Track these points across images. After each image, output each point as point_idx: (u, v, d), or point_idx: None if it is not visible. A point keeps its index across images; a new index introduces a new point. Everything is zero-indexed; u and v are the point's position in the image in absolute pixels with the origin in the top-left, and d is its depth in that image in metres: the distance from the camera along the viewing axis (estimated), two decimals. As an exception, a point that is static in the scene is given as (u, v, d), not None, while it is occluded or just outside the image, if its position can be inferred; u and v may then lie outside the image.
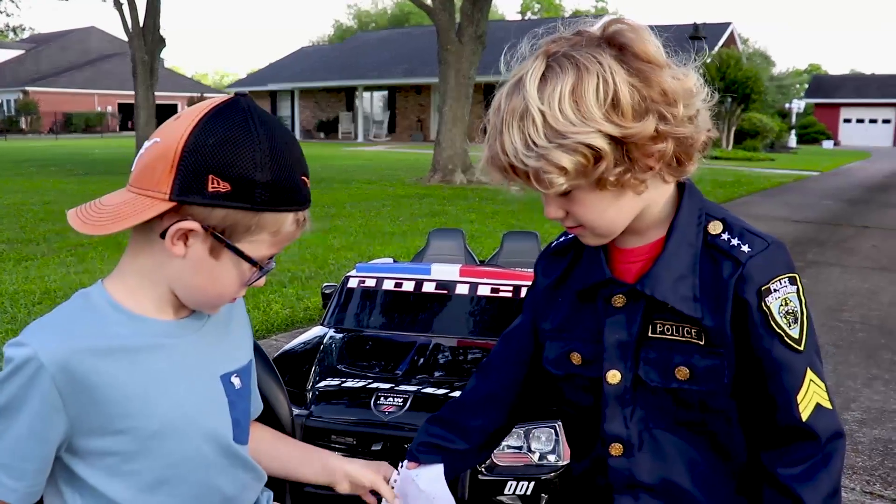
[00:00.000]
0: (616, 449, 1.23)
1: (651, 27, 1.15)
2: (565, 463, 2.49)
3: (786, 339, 1.13)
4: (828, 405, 1.16)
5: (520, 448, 2.50)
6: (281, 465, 1.37)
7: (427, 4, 16.44)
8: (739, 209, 12.77)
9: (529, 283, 1.44)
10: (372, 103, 37.98)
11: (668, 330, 1.18)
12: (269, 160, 1.05)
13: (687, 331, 1.17)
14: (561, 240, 1.36)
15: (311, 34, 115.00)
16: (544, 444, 2.50)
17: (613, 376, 1.21)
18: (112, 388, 1.06)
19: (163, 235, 1.05)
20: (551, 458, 2.49)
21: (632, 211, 1.16)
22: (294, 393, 2.60)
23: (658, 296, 1.17)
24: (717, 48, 29.05)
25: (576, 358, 1.26)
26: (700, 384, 1.16)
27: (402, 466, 1.35)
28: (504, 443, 2.49)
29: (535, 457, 2.49)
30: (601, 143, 1.05)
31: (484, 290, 3.34)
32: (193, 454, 1.14)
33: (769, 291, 1.13)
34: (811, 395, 1.14)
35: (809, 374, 1.15)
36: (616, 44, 1.09)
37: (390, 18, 62.68)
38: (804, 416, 1.14)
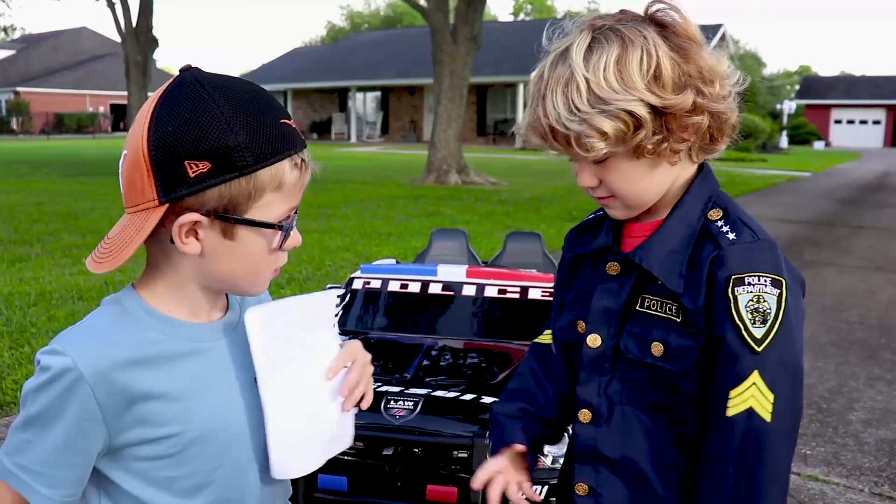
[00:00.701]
0: (584, 415, 1.27)
1: None
2: (578, 466, 2.46)
3: (743, 332, 1.13)
4: (765, 415, 1.12)
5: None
6: None
7: (421, 5, 16.41)
8: (734, 210, 12.77)
9: (536, 284, 1.48)
10: (365, 104, 37.92)
11: (653, 305, 1.22)
12: (235, 120, 0.99)
13: (668, 307, 1.20)
14: (589, 217, 1.41)
15: (303, 35, 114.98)
16: (557, 448, 2.47)
17: (594, 340, 1.26)
18: (152, 396, 1.03)
19: (173, 241, 1.02)
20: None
21: (663, 183, 1.21)
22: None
23: (645, 265, 1.21)
24: (710, 49, 28.97)
25: (581, 326, 1.29)
26: (672, 363, 1.18)
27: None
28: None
29: (548, 460, 2.46)
30: (642, 111, 1.11)
31: (491, 292, 3.32)
32: (233, 460, 1.11)
33: (742, 282, 1.14)
34: (747, 398, 1.13)
35: (755, 378, 1.13)
36: (659, 22, 1.16)
37: (383, 19, 62.62)
38: (728, 412, 1.14)
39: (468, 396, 2.64)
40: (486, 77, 29.55)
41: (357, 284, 3.50)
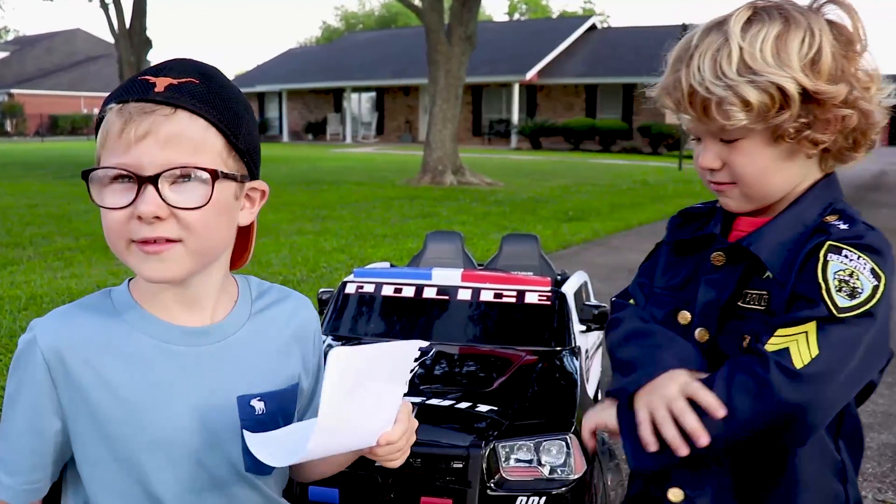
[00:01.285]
0: None
1: (640, 28, 1.14)
2: (577, 476, 2.40)
3: (823, 290, 1.05)
4: (797, 361, 1.03)
5: (530, 462, 2.40)
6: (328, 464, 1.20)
7: (416, 5, 16.36)
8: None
9: (533, 287, 1.41)
10: (360, 105, 37.83)
11: (754, 300, 1.16)
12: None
13: (764, 299, 1.15)
14: (699, 205, 1.35)
15: (298, 35, 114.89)
16: (555, 458, 2.41)
17: (701, 334, 1.19)
18: (104, 388, 1.00)
19: None
20: (562, 471, 2.40)
21: (790, 179, 1.16)
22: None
23: (753, 249, 1.15)
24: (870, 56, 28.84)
25: (683, 318, 1.23)
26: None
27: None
28: (513, 456, 2.40)
29: (546, 470, 2.40)
30: (792, 90, 1.06)
31: (487, 296, 3.25)
32: (188, 476, 1.03)
33: (838, 251, 1.08)
34: (789, 339, 1.05)
35: (810, 327, 1.04)
36: (825, 15, 1.13)
37: (377, 20, 62.55)
38: (766, 346, 1.06)
39: (464, 405, 2.58)
40: (481, 77, 29.51)
41: (350, 289, 3.43)
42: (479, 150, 28.03)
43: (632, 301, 1.37)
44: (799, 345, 1.04)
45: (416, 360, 1.06)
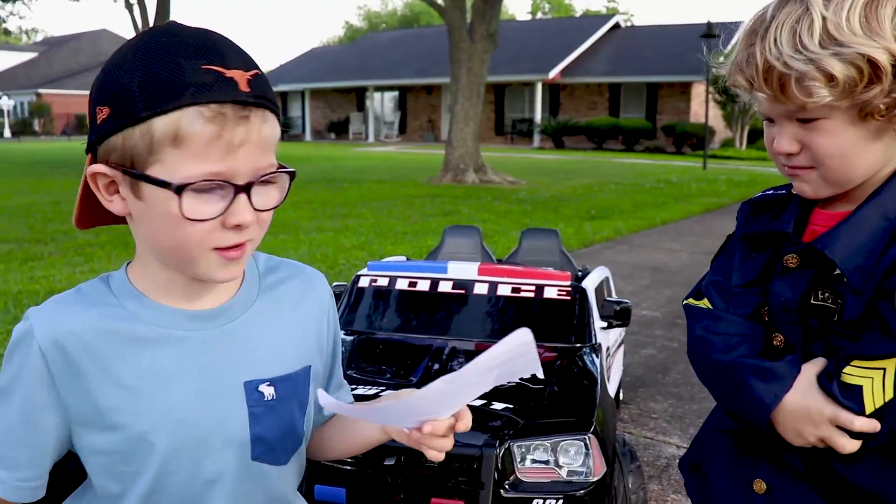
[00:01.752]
0: None
1: (663, 26, 1.03)
2: (596, 479, 2.28)
3: None
4: (868, 403, 0.98)
5: (546, 462, 2.29)
6: (350, 441, 1.15)
7: (438, 3, 16.27)
8: (758, 208, 12.51)
9: (553, 282, 1.32)
10: (383, 104, 37.84)
11: (827, 298, 1.08)
12: (136, 61, 0.87)
13: (838, 303, 1.06)
14: (769, 192, 1.25)
15: (321, 35, 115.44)
16: (573, 458, 2.29)
17: (777, 339, 1.12)
18: (104, 374, 0.94)
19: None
20: (581, 472, 2.29)
21: (876, 163, 1.05)
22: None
23: (828, 252, 1.05)
24: (729, 47, 28.66)
25: (766, 314, 1.15)
26: None
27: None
28: (529, 456, 2.30)
29: (564, 472, 2.28)
30: (884, 61, 0.97)
31: (504, 290, 3.14)
32: (193, 465, 0.97)
33: None
34: (866, 375, 0.98)
35: (890, 364, 0.97)
36: None
37: (400, 19, 62.62)
38: (841, 375, 1.00)
39: (478, 402, 2.47)
40: (503, 76, 29.37)
41: (363, 282, 3.34)
42: (501, 150, 27.90)
43: (705, 302, 1.26)
44: (874, 384, 0.98)
45: (428, 356, 0.99)
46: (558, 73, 30.42)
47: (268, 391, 1.00)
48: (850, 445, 1.01)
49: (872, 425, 0.99)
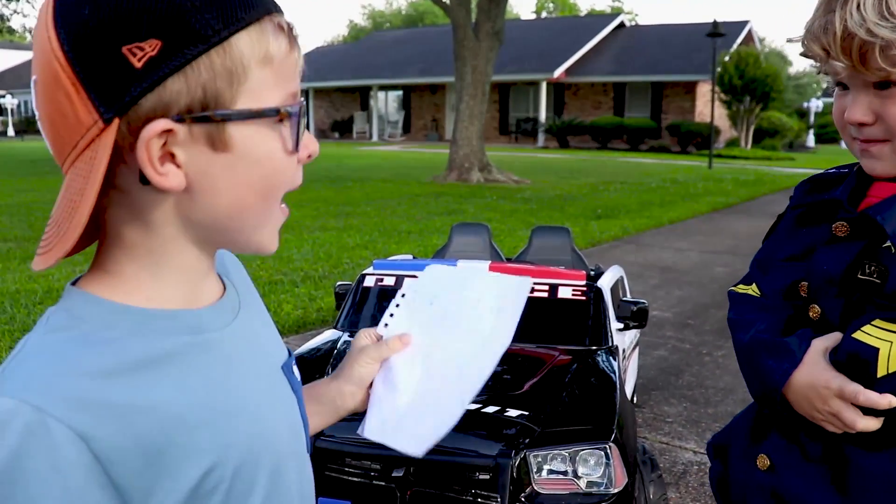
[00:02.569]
0: None
1: (668, 25, 0.92)
2: (617, 490, 2.15)
3: None
4: (882, 368, 0.95)
5: (565, 473, 2.16)
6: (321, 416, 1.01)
7: (444, 1, 16.14)
8: (764, 208, 12.40)
9: (567, 281, 1.27)
10: (387, 103, 37.74)
11: (873, 273, 1.03)
12: None
13: (883, 274, 1.01)
14: (831, 170, 1.21)
15: (325, 34, 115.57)
16: (593, 469, 2.16)
17: (813, 310, 1.08)
18: (160, 417, 0.66)
19: (143, 181, 0.66)
20: (601, 484, 2.15)
21: None
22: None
23: (881, 221, 1.01)
24: (734, 46, 28.57)
25: (804, 289, 1.12)
26: None
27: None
28: (546, 467, 2.16)
29: (583, 483, 2.15)
30: None
31: (516, 290, 3.01)
32: (283, 477, 0.78)
33: None
34: (884, 337, 0.96)
35: None
36: None
37: (404, 18, 62.53)
38: (854, 332, 0.99)
39: (491, 409, 2.33)
40: (508, 75, 29.23)
41: (369, 282, 3.21)
42: (506, 149, 27.77)
43: (753, 288, 1.22)
44: (892, 347, 0.94)
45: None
46: (563, 73, 30.29)
47: (297, 373, 0.87)
48: (863, 422, 0.99)
49: (878, 399, 0.97)
